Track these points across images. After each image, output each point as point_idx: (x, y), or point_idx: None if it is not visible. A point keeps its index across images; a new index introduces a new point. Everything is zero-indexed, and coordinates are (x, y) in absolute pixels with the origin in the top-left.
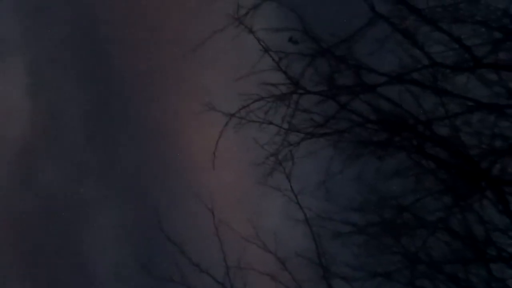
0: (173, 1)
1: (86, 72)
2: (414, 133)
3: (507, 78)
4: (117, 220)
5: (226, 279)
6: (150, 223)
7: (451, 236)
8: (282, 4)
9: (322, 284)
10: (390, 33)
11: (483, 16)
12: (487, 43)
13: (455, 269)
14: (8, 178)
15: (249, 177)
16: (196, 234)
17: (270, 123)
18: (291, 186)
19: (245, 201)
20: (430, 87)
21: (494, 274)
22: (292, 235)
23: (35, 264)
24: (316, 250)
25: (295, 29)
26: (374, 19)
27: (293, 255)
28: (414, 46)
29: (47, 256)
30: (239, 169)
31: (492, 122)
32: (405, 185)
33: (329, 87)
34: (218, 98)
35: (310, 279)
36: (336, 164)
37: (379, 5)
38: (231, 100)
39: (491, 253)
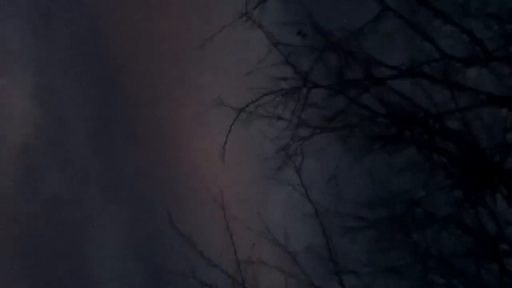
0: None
1: (90, 74)
2: (425, 127)
3: None
4: (126, 217)
5: (237, 273)
6: (161, 219)
7: (463, 231)
8: None
9: (333, 278)
10: (400, 27)
11: (494, 9)
12: (498, 36)
13: (466, 264)
14: (13, 182)
15: (259, 172)
16: (207, 229)
17: (280, 117)
18: (301, 181)
19: (255, 195)
20: (441, 81)
21: (507, 269)
22: (302, 230)
23: (39, 267)
24: (327, 245)
25: (304, 23)
26: (384, 12)
27: (303, 250)
28: (425, 39)
29: (51, 258)
30: (249, 163)
31: (503, 116)
32: (416, 180)
33: (339, 81)
34: (227, 93)
35: (320, 273)
36: (346, 159)
37: None
38: (240, 95)
39: (503, 247)
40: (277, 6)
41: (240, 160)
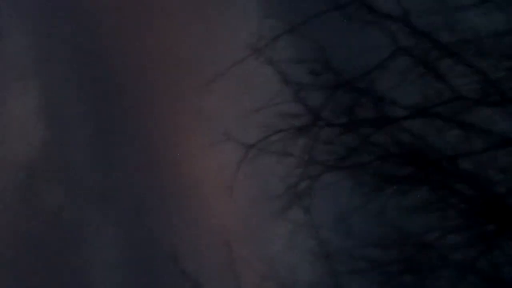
0: (192, 31)
1: (98, 99)
2: (438, 168)
3: None
4: (126, 253)
5: None
6: (163, 256)
7: (478, 277)
8: (303, 36)
9: None
10: (413, 66)
11: (507, 49)
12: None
13: None
14: (16, 201)
15: (267, 211)
16: (211, 269)
17: (289, 155)
18: (310, 220)
19: (263, 235)
20: (455, 121)
21: None
22: (310, 271)
23: (39, 282)
24: (335, 286)
25: (316, 60)
26: (397, 51)
27: None
28: (437, 79)
29: (51, 281)
30: (257, 202)
31: None
32: (429, 222)
33: (350, 119)
34: (237, 129)
35: None
36: (357, 198)
37: (402, 37)
38: (249, 131)
39: None
40: (289, 44)
41: (248, 198)
